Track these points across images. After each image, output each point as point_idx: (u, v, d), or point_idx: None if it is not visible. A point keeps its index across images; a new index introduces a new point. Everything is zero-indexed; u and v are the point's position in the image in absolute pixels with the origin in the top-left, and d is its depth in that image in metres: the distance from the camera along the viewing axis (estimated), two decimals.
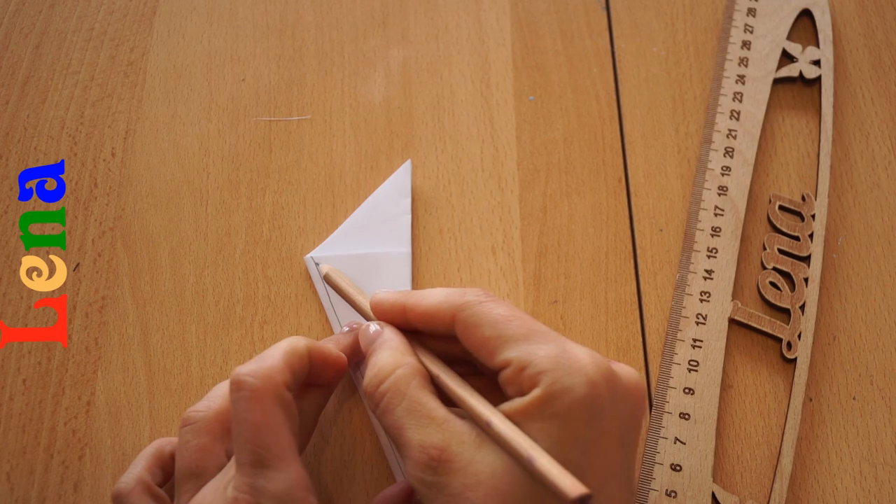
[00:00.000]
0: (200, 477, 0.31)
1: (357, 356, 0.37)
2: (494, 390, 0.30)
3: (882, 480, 0.37)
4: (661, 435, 0.37)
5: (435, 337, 0.33)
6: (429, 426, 0.29)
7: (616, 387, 0.29)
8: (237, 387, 0.30)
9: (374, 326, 0.33)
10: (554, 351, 0.28)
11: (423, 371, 0.31)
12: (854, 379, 0.39)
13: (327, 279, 0.39)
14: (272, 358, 0.31)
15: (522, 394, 0.28)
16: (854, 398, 0.38)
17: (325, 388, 0.35)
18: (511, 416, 0.28)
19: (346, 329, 0.38)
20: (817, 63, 0.45)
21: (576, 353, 0.29)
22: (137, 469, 0.33)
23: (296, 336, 0.33)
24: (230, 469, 0.30)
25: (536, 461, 0.26)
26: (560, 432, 0.27)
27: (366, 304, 0.35)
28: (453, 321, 0.31)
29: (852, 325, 0.40)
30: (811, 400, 0.38)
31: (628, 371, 0.30)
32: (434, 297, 0.32)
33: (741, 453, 0.37)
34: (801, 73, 0.45)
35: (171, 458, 0.34)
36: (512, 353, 0.29)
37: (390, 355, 0.31)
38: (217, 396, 0.34)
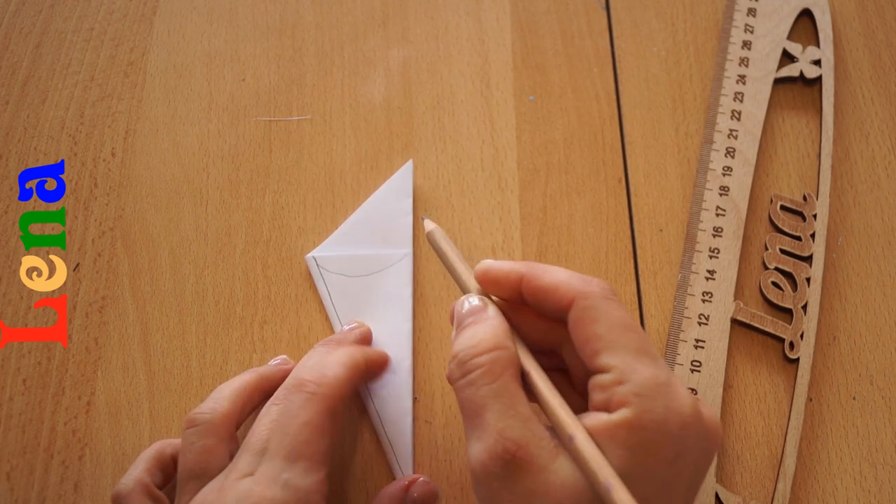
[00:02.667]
0: (203, 478, 0.31)
1: None
2: (569, 391, 0.29)
3: (882, 480, 0.37)
4: None
5: (534, 316, 0.31)
6: (513, 418, 0.27)
7: (700, 430, 0.28)
8: (298, 386, 0.30)
9: (476, 300, 0.31)
10: (660, 378, 0.27)
11: (518, 364, 0.29)
12: (854, 379, 0.39)
13: (430, 238, 0.35)
14: (337, 367, 0.32)
15: (608, 407, 0.27)
16: (854, 398, 0.38)
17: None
18: (593, 432, 0.27)
19: (347, 328, 0.38)
20: (818, 63, 0.45)
21: (677, 388, 0.27)
22: (137, 471, 0.33)
23: (352, 347, 0.33)
24: (231, 470, 0.30)
25: (614, 492, 0.25)
26: (640, 466, 0.26)
27: (465, 273, 0.33)
28: (570, 305, 0.29)
29: (852, 325, 0.40)
30: (811, 400, 0.38)
31: (712, 414, 0.29)
32: (557, 275, 0.30)
33: (741, 453, 0.37)
34: (801, 72, 0.45)
35: (172, 459, 0.34)
36: (617, 361, 0.27)
37: (494, 333, 0.30)
38: (222, 398, 0.34)
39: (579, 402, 0.30)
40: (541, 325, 0.31)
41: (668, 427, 0.26)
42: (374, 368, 0.35)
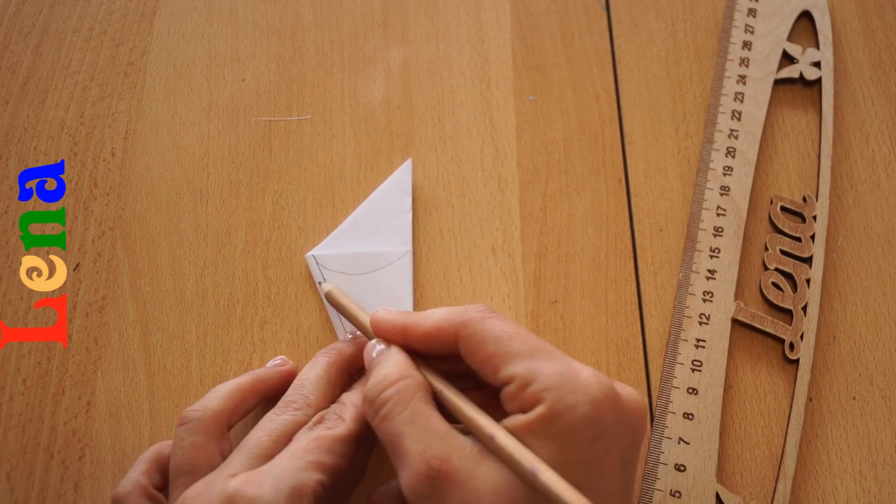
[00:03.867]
0: (193, 474, 0.31)
1: (359, 363, 0.37)
2: (494, 406, 0.30)
3: (882, 480, 0.37)
4: (666, 435, 0.37)
5: (434, 358, 0.33)
6: (430, 437, 0.28)
7: (619, 407, 0.29)
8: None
9: (379, 346, 0.33)
10: (559, 368, 0.28)
11: (427, 387, 0.31)
12: (854, 379, 0.39)
13: (329, 297, 0.38)
14: (353, 410, 0.33)
15: (524, 410, 0.28)
16: (854, 398, 0.38)
17: None
18: (513, 433, 0.28)
19: (349, 336, 0.38)
20: (817, 65, 0.45)
21: (580, 372, 0.28)
22: (135, 473, 0.34)
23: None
24: (224, 468, 0.30)
25: (541, 475, 0.26)
26: (562, 451, 0.27)
27: (368, 323, 0.35)
28: (456, 339, 0.30)
29: (852, 325, 0.40)
30: (811, 400, 0.38)
31: (630, 392, 0.30)
32: (435, 317, 0.31)
33: (741, 453, 0.37)
34: (801, 74, 0.45)
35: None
36: (516, 369, 0.29)
37: (396, 367, 0.31)
38: (214, 398, 0.34)
39: (505, 414, 0.30)
40: (445, 362, 0.32)
41: (580, 410, 0.27)
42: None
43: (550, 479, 0.26)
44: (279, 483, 0.29)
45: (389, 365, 0.31)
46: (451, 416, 0.30)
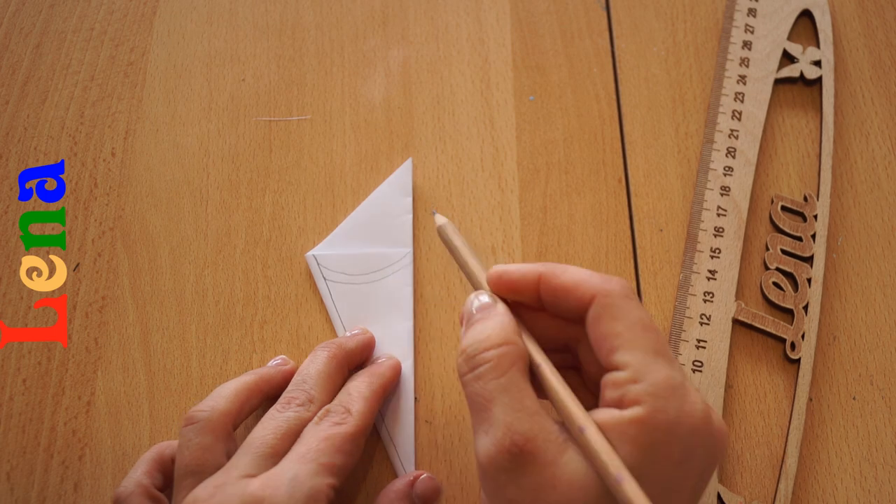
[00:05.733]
0: (199, 475, 0.31)
1: (358, 358, 0.37)
2: (583, 390, 0.29)
3: (882, 480, 0.37)
4: None
5: (545, 315, 0.31)
6: (521, 412, 0.27)
7: (708, 433, 0.28)
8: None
9: (486, 297, 0.31)
10: (674, 380, 0.27)
11: (526, 359, 0.29)
12: (854, 379, 0.39)
13: (441, 232, 0.35)
14: (361, 402, 0.34)
15: (621, 404, 0.27)
16: (854, 398, 0.38)
17: None
18: (604, 427, 0.27)
19: (349, 334, 0.38)
20: (818, 64, 0.45)
21: (691, 391, 0.28)
22: (137, 473, 0.34)
23: (371, 377, 0.35)
24: (231, 468, 0.31)
25: (626, 484, 0.25)
26: (647, 463, 0.26)
27: (477, 269, 0.33)
28: (590, 303, 0.29)
29: (852, 325, 0.40)
30: (811, 400, 0.38)
31: (719, 418, 0.29)
32: (577, 273, 0.30)
33: (742, 453, 0.37)
34: (801, 73, 0.45)
35: (171, 461, 0.34)
36: (633, 360, 0.27)
37: (503, 329, 0.30)
38: (220, 397, 0.34)
39: (591, 401, 0.29)
40: (552, 323, 0.31)
41: (679, 429, 0.26)
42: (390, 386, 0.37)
43: (633, 490, 0.25)
44: (294, 491, 0.29)
45: (494, 325, 0.30)
46: (541, 391, 0.29)
